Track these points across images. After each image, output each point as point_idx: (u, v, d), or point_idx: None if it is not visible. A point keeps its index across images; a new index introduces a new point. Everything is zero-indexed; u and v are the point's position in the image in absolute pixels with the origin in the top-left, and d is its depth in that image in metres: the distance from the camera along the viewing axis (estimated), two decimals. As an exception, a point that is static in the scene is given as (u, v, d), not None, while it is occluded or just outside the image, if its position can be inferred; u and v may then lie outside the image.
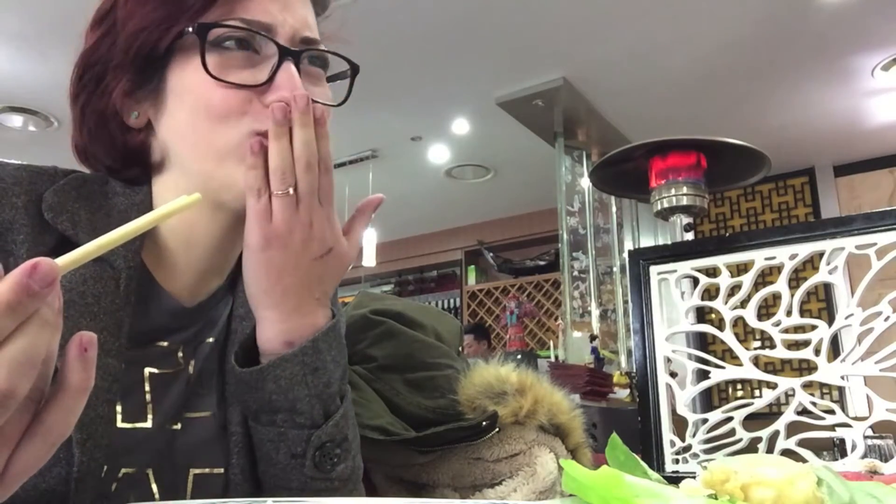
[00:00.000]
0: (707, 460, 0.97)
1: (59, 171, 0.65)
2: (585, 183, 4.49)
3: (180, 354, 0.67)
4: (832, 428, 0.98)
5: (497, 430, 0.83)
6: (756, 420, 1.03)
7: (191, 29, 0.61)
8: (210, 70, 0.60)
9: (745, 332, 1.21)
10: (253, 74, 0.62)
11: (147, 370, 0.65)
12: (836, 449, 1.71)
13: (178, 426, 0.65)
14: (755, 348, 1.05)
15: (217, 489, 0.65)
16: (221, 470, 0.66)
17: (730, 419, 1.04)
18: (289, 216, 0.59)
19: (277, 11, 0.63)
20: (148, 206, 0.66)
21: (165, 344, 0.67)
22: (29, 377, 0.35)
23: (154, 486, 0.62)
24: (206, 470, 0.65)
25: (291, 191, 0.59)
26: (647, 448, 1.07)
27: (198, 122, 0.62)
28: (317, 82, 0.67)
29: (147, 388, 0.64)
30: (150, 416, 0.63)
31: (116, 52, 0.64)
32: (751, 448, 1.00)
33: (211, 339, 0.70)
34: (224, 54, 0.61)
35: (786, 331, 1.02)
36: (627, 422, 2.51)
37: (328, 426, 0.64)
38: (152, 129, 0.66)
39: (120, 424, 0.61)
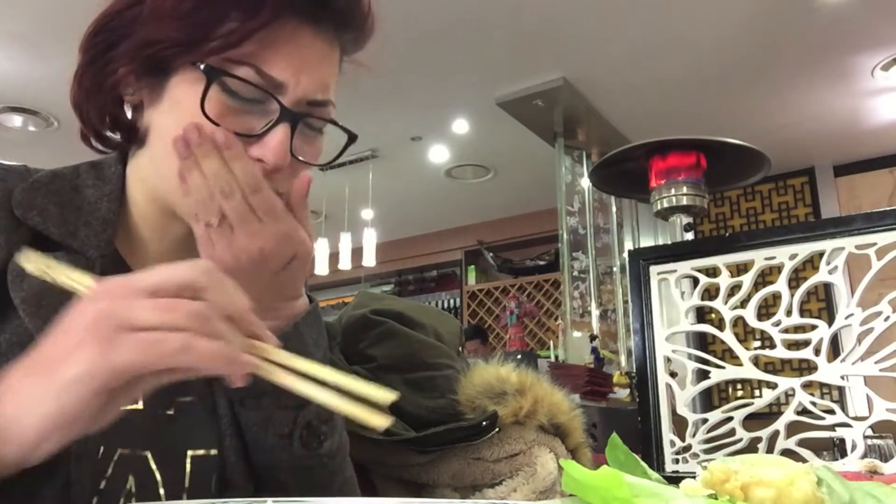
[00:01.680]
0: (707, 460, 0.97)
1: (31, 170, 0.66)
2: (585, 183, 4.49)
3: None
4: (832, 428, 0.98)
5: (497, 430, 0.83)
6: (756, 420, 1.03)
7: (202, 66, 0.59)
8: (206, 111, 0.59)
9: (745, 332, 1.21)
10: (248, 122, 0.61)
11: None
12: (836, 449, 1.71)
13: (172, 411, 0.66)
14: (755, 348, 1.05)
15: (214, 470, 0.66)
16: (216, 451, 0.66)
17: (730, 419, 1.04)
18: (227, 244, 0.59)
19: (295, 70, 0.61)
20: (117, 196, 0.67)
21: None
22: (204, 330, 0.45)
23: (154, 468, 0.62)
24: (202, 451, 0.66)
25: (215, 221, 0.58)
26: (647, 448, 1.07)
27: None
28: (311, 141, 0.66)
29: None
30: (140, 400, 0.63)
31: (130, 40, 0.63)
32: (751, 448, 1.00)
33: None
34: (228, 96, 0.60)
35: (786, 331, 1.02)
36: (627, 422, 2.51)
37: (313, 404, 0.64)
38: (142, 109, 0.66)
39: None
